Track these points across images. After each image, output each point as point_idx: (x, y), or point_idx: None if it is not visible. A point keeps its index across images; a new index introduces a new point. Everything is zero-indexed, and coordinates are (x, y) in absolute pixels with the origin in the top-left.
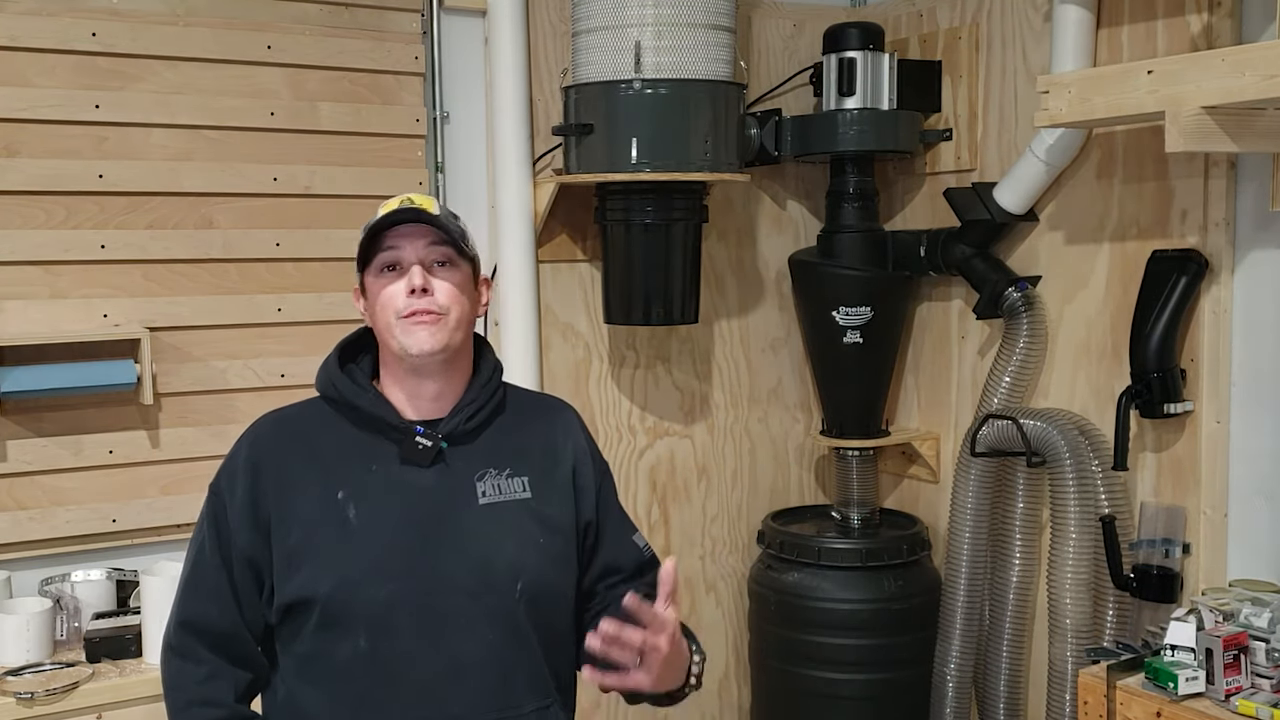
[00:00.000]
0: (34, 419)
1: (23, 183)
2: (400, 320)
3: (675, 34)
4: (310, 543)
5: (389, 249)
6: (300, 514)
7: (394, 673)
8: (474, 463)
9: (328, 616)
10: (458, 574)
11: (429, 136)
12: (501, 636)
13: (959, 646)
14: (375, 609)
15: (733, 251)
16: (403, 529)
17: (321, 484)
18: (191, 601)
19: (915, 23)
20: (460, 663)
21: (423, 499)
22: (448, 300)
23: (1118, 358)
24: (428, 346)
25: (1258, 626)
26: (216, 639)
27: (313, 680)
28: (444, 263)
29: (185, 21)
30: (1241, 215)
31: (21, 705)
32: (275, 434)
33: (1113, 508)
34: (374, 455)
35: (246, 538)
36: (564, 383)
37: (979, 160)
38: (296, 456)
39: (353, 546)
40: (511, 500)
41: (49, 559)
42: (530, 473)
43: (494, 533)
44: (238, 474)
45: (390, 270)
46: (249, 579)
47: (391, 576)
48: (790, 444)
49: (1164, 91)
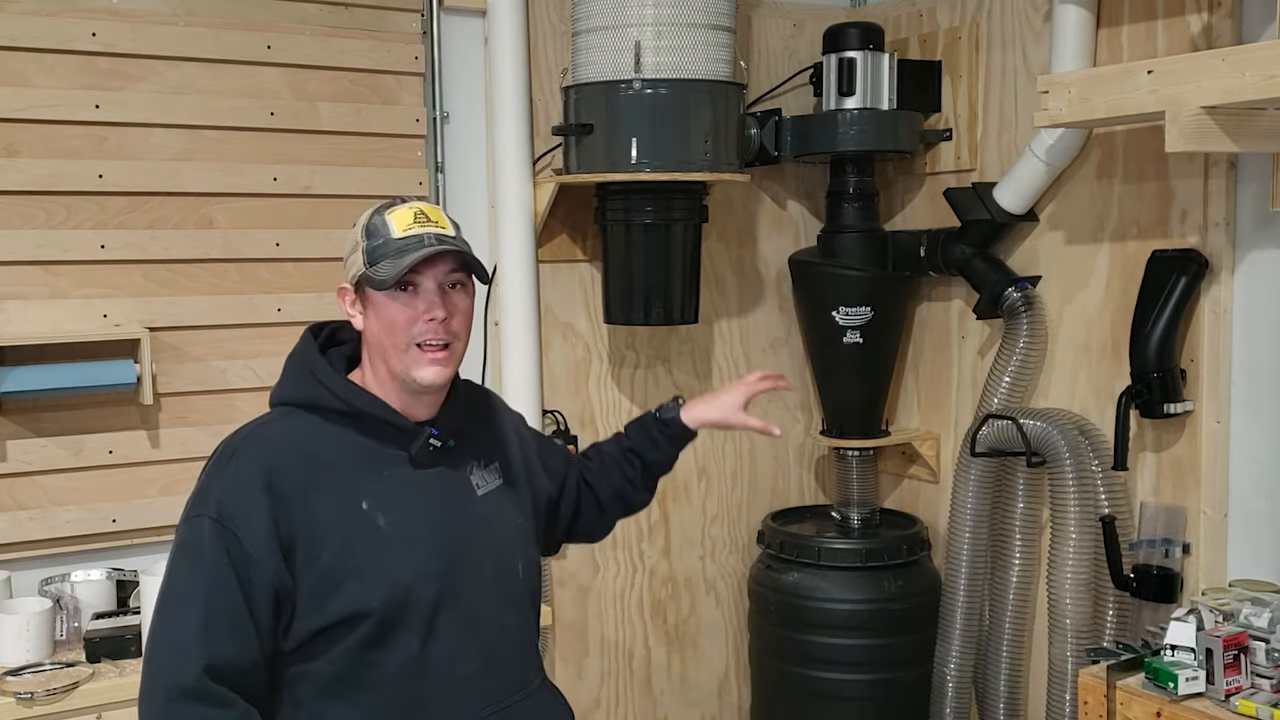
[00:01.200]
0: (34, 419)
1: (23, 183)
2: (413, 348)
3: (675, 34)
4: (348, 557)
5: (409, 270)
6: (330, 531)
7: (440, 672)
8: (460, 458)
9: (384, 626)
10: (484, 564)
11: (429, 136)
12: (519, 619)
13: (959, 646)
14: (425, 611)
15: (733, 251)
16: (434, 529)
17: (342, 498)
18: (210, 643)
19: (915, 23)
20: (495, 653)
21: (439, 497)
22: (461, 326)
23: (1118, 358)
24: (438, 380)
25: (1258, 626)
26: (240, 679)
27: (345, 696)
28: (456, 285)
29: (185, 21)
30: (1241, 215)
31: (21, 705)
32: (282, 452)
33: (1113, 508)
34: (382, 461)
35: (273, 565)
36: (564, 383)
37: (979, 160)
38: (310, 474)
39: (394, 553)
40: (495, 488)
41: (49, 559)
42: (498, 459)
43: (496, 521)
44: (249, 500)
45: (404, 290)
46: (267, 608)
47: (436, 576)
48: (790, 444)
49: (1164, 91)
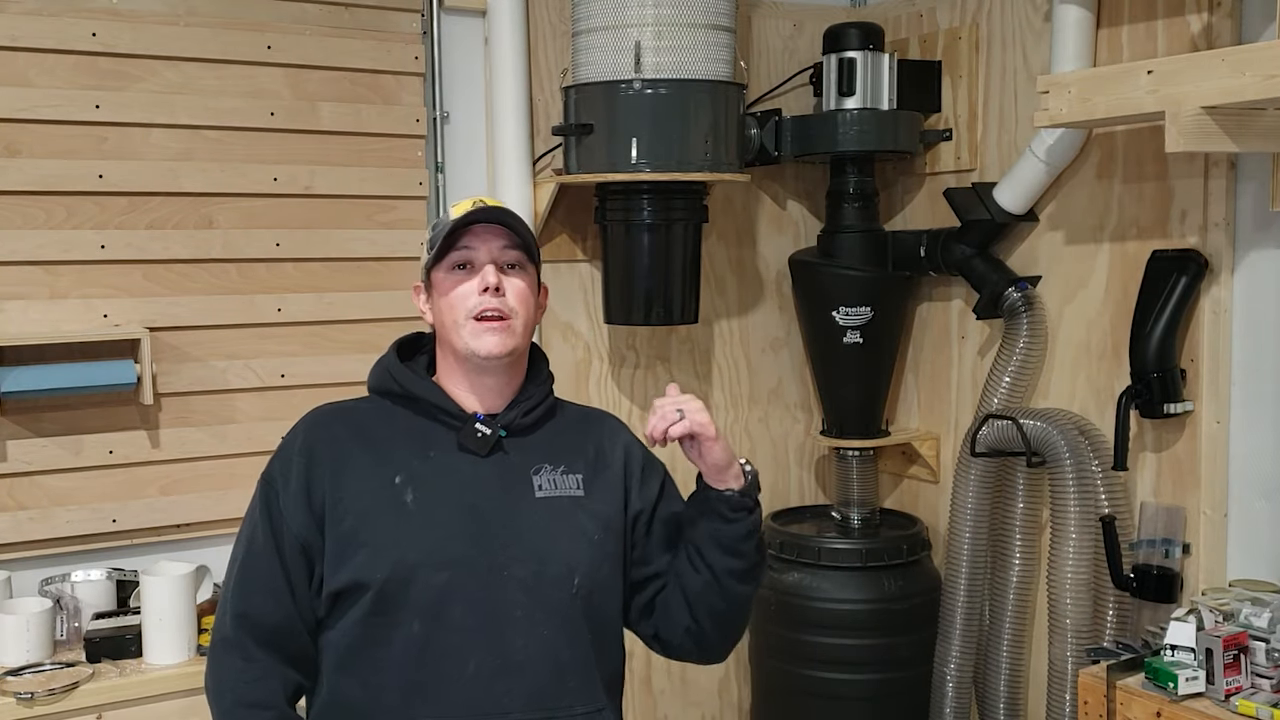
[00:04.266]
0: (34, 419)
1: (23, 183)
2: (470, 321)
3: (675, 34)
4: (366, 526)
5: (464, 248)
6: (356, 499)
7: (446, 663)
8: (531, 457)
9: (383, 601)
10: (515, 566)
11: (429, 136)
12: (556, 634)
13: (959, 646)
14: (431, 595)
15: (733, 251)
16: (461, 516)
17: (378, 469)
18: (246, 594)
19: (915, 23)
20: (513, 659)
21: (481, 487)
22: (517, 302)
23: (1118, 358)
24: (496, 350)
25: (1258, 626)
26: (270, 633)
27: (356, 671)
28: (514, 265)
29: (185, 21)
30: (1241, 215)
31: (21, 705)
32: (331, 421)
33: (1113, 508)
34: (431, 442)
35: (300, 521)
36: (564, 383)
37: (979, 160)
38: (353, 443)
39: (411, 530)
40: (567, 496)
41: (49, 559)
42: (584, 471)
43: (551, 527)
44: (292, 460)
45: (462, 269)
46: (301, 566)
47: (449, 563)
48: (790, 444)
49: (1164, 91)
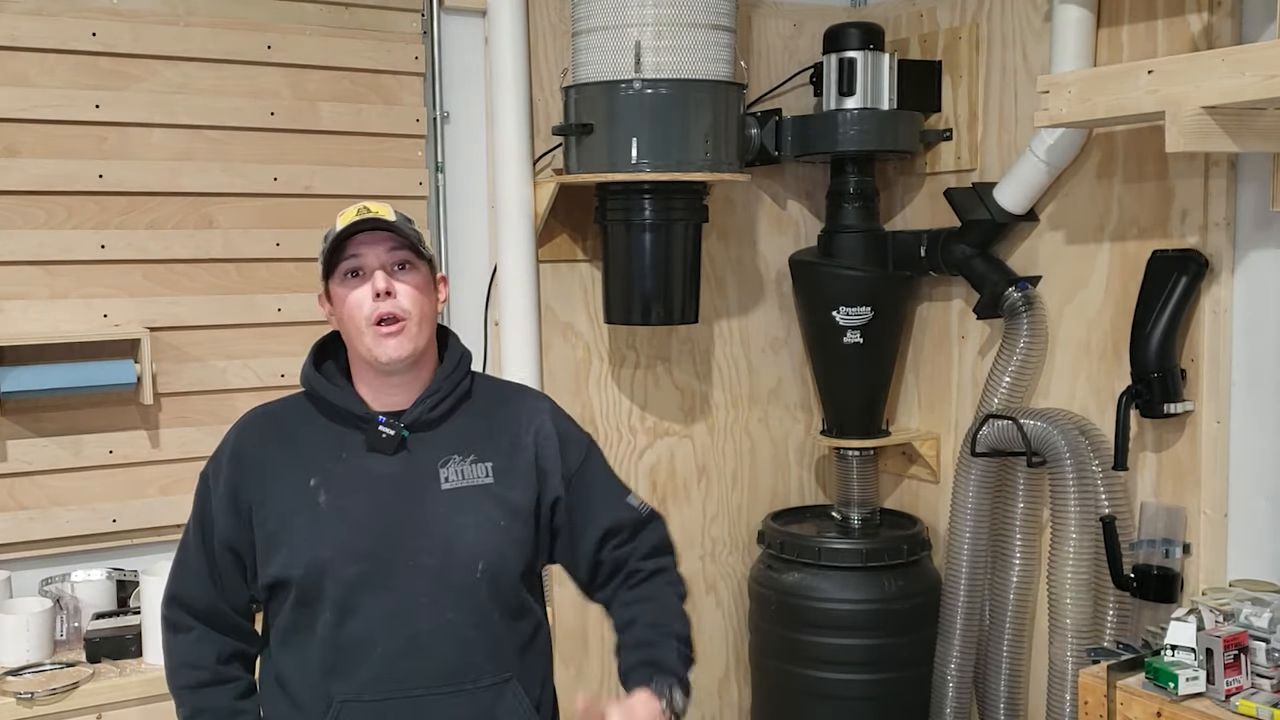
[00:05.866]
0: (34, 419)
1: (23, 183)
2: (370, 328)
3: (675, 34)
4: (286, 527)
5: (351, 256)
6: (278, 501)
7: (357, 648)
8: (438, 449)
9: (303, 594)
10: (423, 556)
11: (429, 136)
12: (463, 615)
13: (959, 646)
14: (342, 589)
15: (733, 251)
16: (369, 514)
17: (296, 472)
18: (178, 578)
19: (915, 23)
20: (418, 641)
21: (387, 485)
22: (409, 302)
23: (1118, 358)
24: (396, 355)
25: (1258, 626)
26: (199, 613)
27: (291, 650)
28: (403, 265)
29: (185, 21)
30: (1241, 215)
31: (21, 705)
32: (259, 426)
33: (1113, 508)
34: (344, 445)
35: (227, 523)
36: (564, 383)
37: (979, 160)
38: (277, 447)
39: (322, 530)
40: (474, 485)
41: (49, 559)
42: (494, 458)
43: (456, 516)
44: (223, 465)
45: (354, 276)
46: (230, 562)
47: (358, 558)
48: (790, 444)
49: (1164, 91)
